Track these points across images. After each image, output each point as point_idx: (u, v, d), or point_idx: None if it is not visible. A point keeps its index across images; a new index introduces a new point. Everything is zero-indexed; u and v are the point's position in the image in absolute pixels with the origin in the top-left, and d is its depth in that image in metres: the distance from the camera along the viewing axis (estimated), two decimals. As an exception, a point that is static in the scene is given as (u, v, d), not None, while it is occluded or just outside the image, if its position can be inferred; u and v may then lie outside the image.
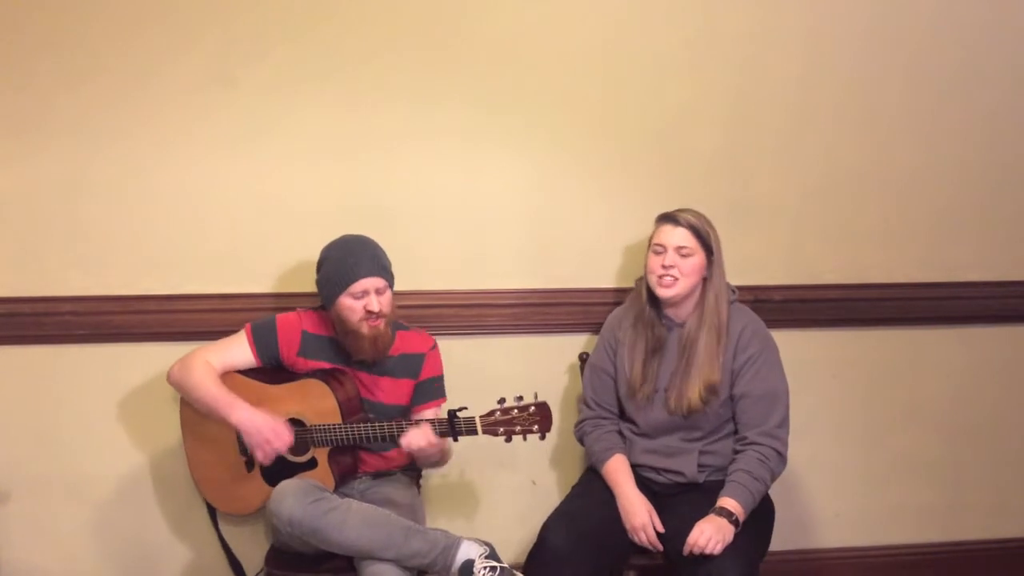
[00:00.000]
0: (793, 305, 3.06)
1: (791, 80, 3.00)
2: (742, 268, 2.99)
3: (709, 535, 2.39)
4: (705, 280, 2.63)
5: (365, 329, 2.56)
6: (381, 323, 2.58)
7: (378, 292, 2.56)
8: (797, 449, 2.97)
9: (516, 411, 2.49)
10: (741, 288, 2.89)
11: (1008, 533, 3.31)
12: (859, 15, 3.00)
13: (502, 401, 2.50)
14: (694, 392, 2.59)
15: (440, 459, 2.71)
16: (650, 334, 2.67)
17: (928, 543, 3.27)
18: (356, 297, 2.55)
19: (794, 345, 3.04)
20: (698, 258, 2.60)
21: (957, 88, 3.07)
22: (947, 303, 3.14)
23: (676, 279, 2.59)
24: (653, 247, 2.64)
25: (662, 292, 2.61)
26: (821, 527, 3.20)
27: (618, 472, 2.65)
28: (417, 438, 2.50)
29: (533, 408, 2.49)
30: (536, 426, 2.49)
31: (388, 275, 2.60)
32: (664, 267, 2.59)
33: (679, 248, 2.59)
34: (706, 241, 2.60)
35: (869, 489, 3.22)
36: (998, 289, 3.16)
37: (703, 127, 2.98)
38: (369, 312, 2.55)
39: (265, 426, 2.50)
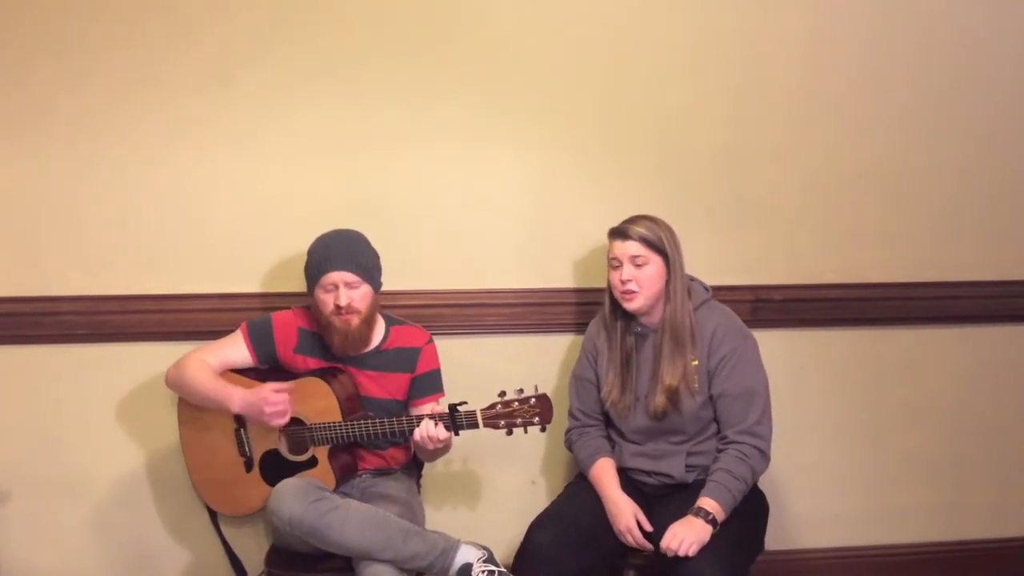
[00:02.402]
0: (793, 305, 3.06)
1: (791, 80, 3.00)
2: (742, 268, 2.99)
3: (682, 537, 2.39)
4: (666, 284, 2.62)
5: (336, 323, 2.57)
6: (352, 319, 2.57)
7: (348, 286, 2.56)
8: (797, 449, 2.98)
9: (517, 403, 2.49)
10: (741, 288, 2.90)
11: (1009, 532, 3.30)
12: (859, 15, 3.00)
13: (503, 394, 2.50)
14: (660, 397, 2.60)
15: (443, 452, 2.70)
16: (621, 344, 2.68)
17: (929, 543, 3.27)
18: (327, 290, 2.56)
19: (795, 345, 3.04)
20: (654, 266, 2.59)
21: (957, 88, 3.07)
22: (947, 303, 3.14)
23: (636, 292, 2.59)
24: (610, 261, 2.64)
25: (627, 306, 2.62)
26: (821, 527, 3.20)
27: (603, 476, 2.66)
28: (431, 430, 2.50)
29: (534, 400, 2.50)
30: (537, 418, 2.50)
31: (361, 270, 2.58)
32: (623, 281, 2.59)
33: (633, 258, 2.58)
34: (659, 247, 2.59)
35: (869, 489, 3.21)
36: (998, 289, 3.16)
37: (703, 127, 2.98)
38: (337, 306, 2.55)
39: (259, 401, 2.50)
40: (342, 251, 2.57)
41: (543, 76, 2.90)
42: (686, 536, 2.40)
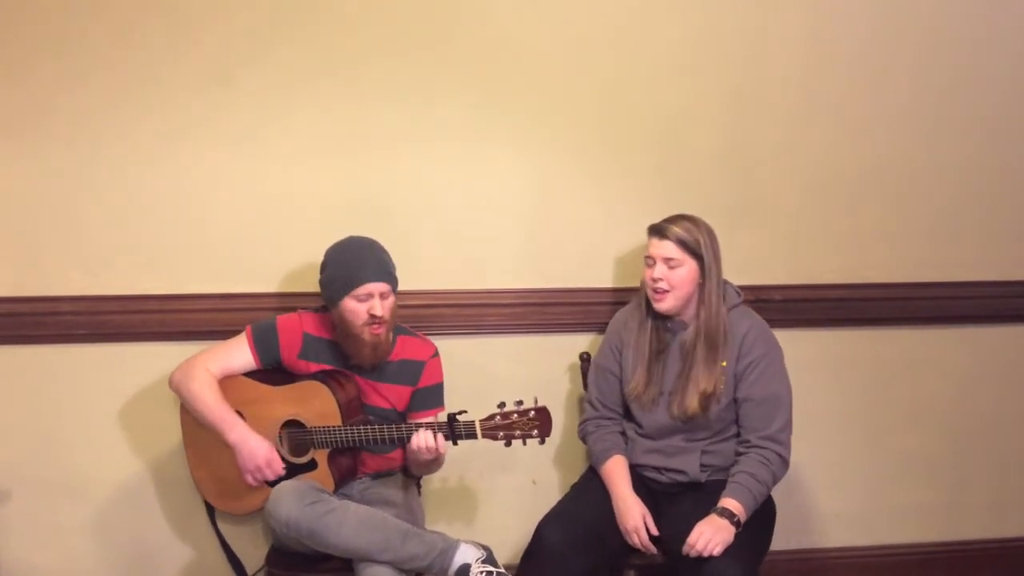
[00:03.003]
0: (793, 305, 3.06)
1: (791, 80, 3.00)
2: (742, 268, 2.99)
3: (708, 537, 2.39)
4: (701, 287, 2.62)
5: (367, 335, 2.55)
6: (383, 330, 2.56)
7: (382, 296, 2.55)
8: (798, 449, 2.97)
9: (516, 415, 2.48)
10: (741, 288, 2.89)
11: (1009, 533, 3.31)
12: (860, 15, 3.00)
13: (502, 405, 2.49)
14: (692, 400, 2.59)
15: (435, 466, 2.70)
16: (654, 338, 2.68)
17: (929, 543, 3.27)
18: (360, 300, 2.53)
19: (794, 345, 3.03)
20: (688, 268, 2.59)
21: (957, 88, 3.07)
22: (947, 303, 3.14)
23: (666, 291, 2.59)
24: (645, 259, 2.65)
25: (656, 305, 2.62)
26: (821, 527, 3.20)
27: (615, 473, 2.65)
28: (428, 439, 2.50)
29: (533, 413, 2.48)
30: (536, 431, 2.48)
31: (393, 280, 2.58)
32: (653, 279, 2.60)
33: (667, 260, 2.58)
34: (695, 250, 2.59)
35: (870, 489, 3.22)
36: (998, 289, 3.16)
37: (703, 127, 2.98)
38: (373, 316, 2.53)
39: (260, 453, 2.52)
40: (375, 261, 2.56)
41: (543, 76, 2.90)
42: (713, 536, 2.40)
